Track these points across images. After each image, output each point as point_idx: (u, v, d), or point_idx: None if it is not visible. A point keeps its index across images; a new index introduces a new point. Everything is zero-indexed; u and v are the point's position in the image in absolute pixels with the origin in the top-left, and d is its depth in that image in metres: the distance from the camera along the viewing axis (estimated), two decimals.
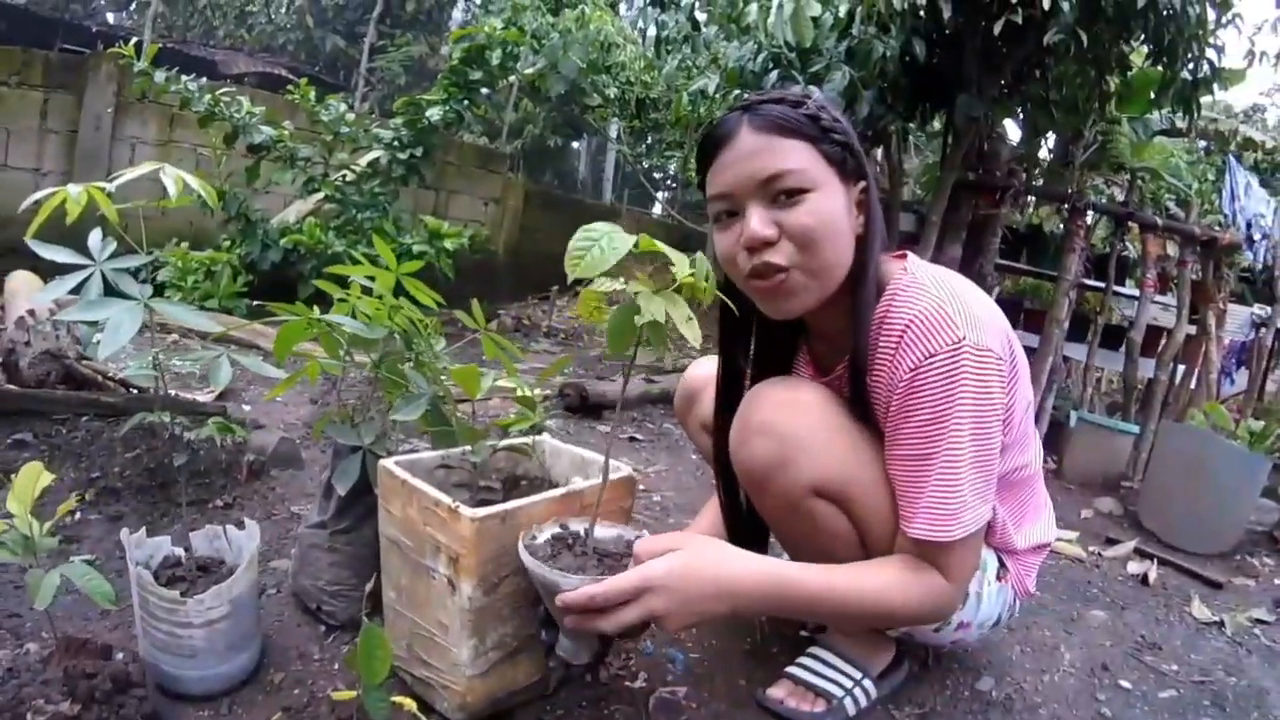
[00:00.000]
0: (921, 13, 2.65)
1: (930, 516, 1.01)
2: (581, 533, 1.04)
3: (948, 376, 0.98)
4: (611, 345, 0.92)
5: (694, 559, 0.94)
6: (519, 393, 1.18)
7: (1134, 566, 2.10)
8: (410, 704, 0.92)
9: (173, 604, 1.05)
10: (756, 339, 1.22)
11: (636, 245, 0.84)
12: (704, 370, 1.42)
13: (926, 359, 0.99)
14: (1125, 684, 1.43)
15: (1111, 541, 2.29)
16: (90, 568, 0.98)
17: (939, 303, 1.01)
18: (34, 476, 0.97)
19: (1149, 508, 2.52)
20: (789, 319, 1.09)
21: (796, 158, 0.99)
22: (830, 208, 1.00)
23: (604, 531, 1.06)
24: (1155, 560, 2.13)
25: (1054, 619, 1.66)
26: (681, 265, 0.87)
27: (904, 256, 1.11)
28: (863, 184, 1.05)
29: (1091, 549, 2.19)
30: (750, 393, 1.14)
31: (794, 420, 1.06)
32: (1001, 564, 1.22)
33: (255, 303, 3.87)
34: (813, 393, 1.10)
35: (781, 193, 0.99)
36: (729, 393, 1.21)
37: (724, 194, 1.03)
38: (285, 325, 0.94)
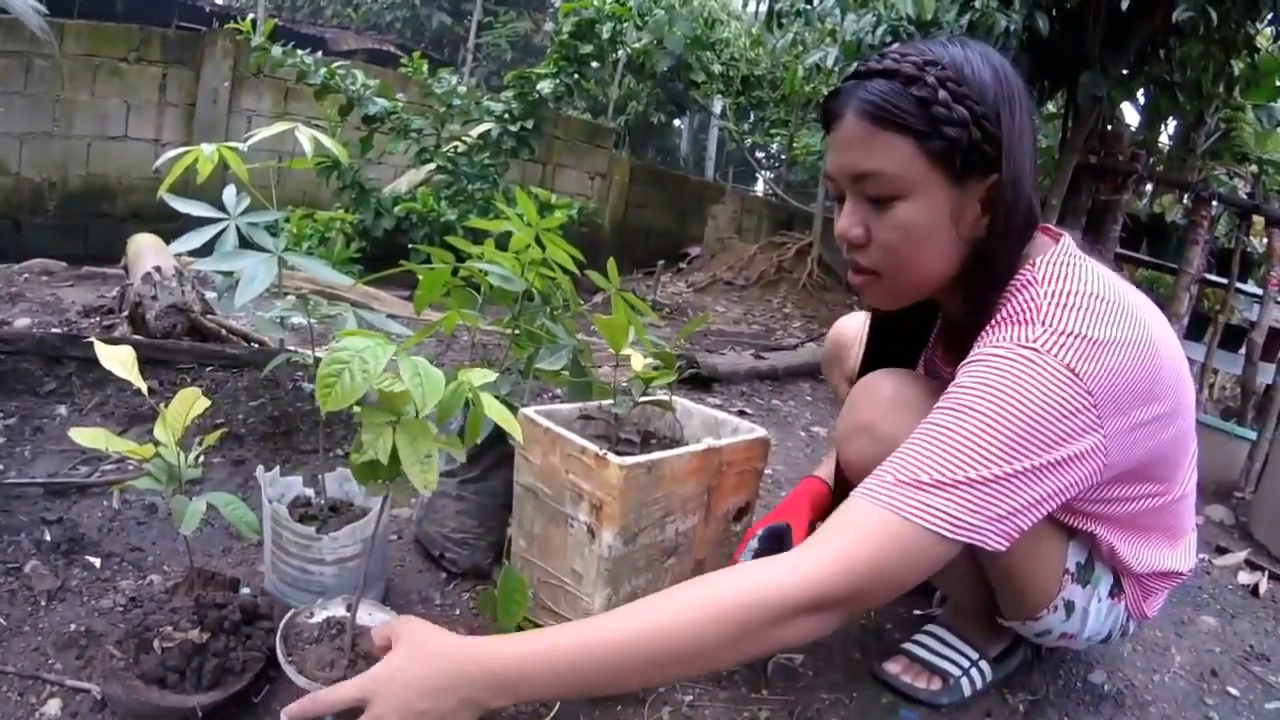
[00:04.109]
0: None
1: (882, 474, 0.84)
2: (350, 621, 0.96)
3: (995, 362, 0.85)
4: (359, 478, 0.84)
5: (401, 661, 0.81)
6: (651, 350, 1.19)
7: (1244, 577, 2.02)
8: None
9: (307, 540, 1.09)
10: (897, 316, 1.15)
11: (397, 352, 0.75)
12: (855, 323, 1.37)
13: (985, 348, 0.88)
14: (1233, 691, 1.39)
15: (1222, 550, 2.19)
16: (234, 498, 1.01)
17: (1036, 310, 0.88)
18: (189, 402, 0.97)
19: (1261, 520, 2.39)
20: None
21: (891, 158, 0.88)
22: (921, 218, 0.90)
23: (386, 619, 1.01)
24: (1266, 573, 2.03)
25: (1165, 621, 1.61)
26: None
27: (1057, 238, 0.99)
28: (992, 178, 0.90)
29: (1202, 556, 2.11)
30: (861, 383, 1.09)
31: (897, 421, 0.97)
32: (1117, 582, 1.14)
33: (361, 269, 3.97)
34: (923, 390, 1.02)
35: (871, 196, 0.92)
36: (872, 365, 1.16)
37: (830, 176, 0.97)
38: (428, 274, 0.96)
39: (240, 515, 1.00)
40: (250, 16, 4.21)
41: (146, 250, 2.75)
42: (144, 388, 0.96)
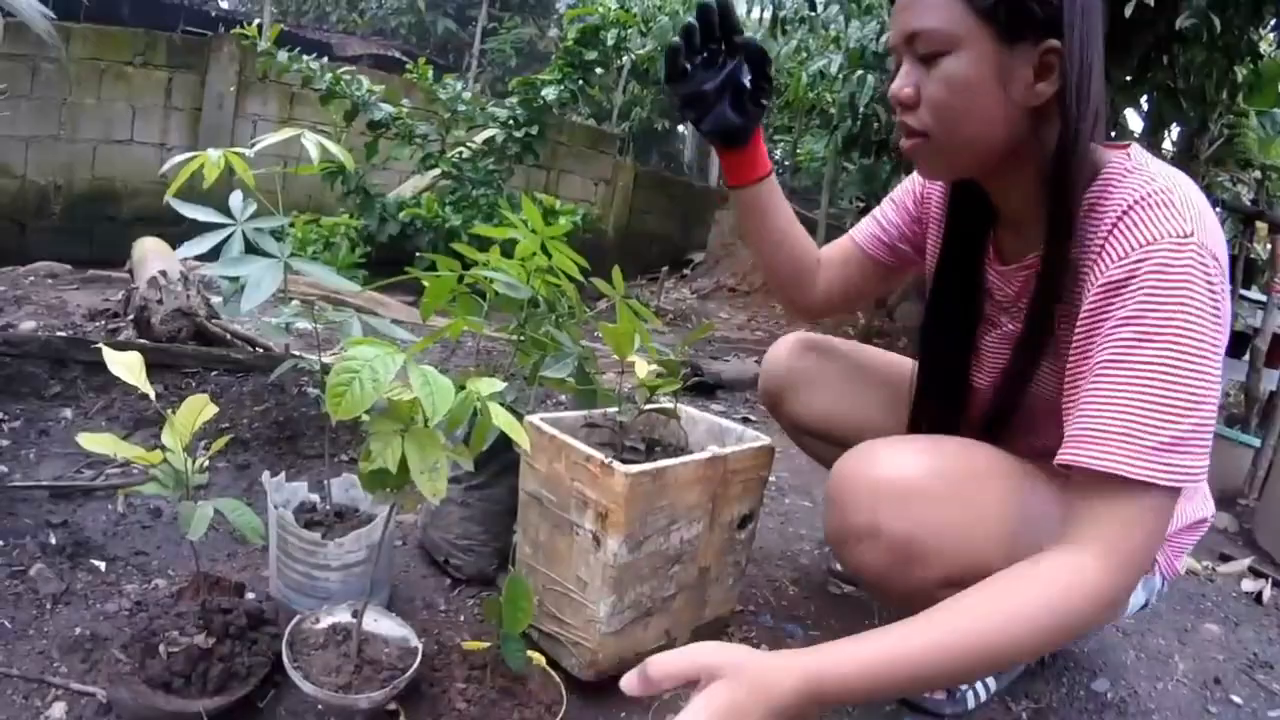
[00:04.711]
0: None
1: (1125, 444, 0.79)
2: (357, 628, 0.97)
3: (1171, 272, 0.81)
4: (367, 486, 0.85)
5: (734, 695, 0.70)
6: (657, 357, 1.19)
7: (1248, 585, 2.01)
8: (540, 659, 0.93)
9: (313, 545, 1.10)
10: (947, 231, 1.13)
11: (406, 361, 0.77)
12: (785, 351, 1.39)
13: (1143, 245, 0.83)
14: (1236, 699, 1.39)
15: (1225, 558, 2.19)
16: (240, 503, 1.01)
17: (1167, 190, 0.85)
18: (197, 409, 0.97)
19: (1265, 528, 2.38)
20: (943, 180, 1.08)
21: (936, 14, 0.89)
22: (966, 73, 0.88)
23: (391, 629, 1.02)
24: (1270, 581, 2.03)
25: (1168, 628, 1.62)
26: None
27: (1127, 146, 0.96)
28: (1047, 43, 0.87)
29: (1205, 563, 2.10)
30: (845, 463, 1.02)
31: (910, 515, 0.93)
32: None
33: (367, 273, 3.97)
34: (930, 457, 0.97)
35: (922, 55, 0.91)
36: (938, 380, 1.15)
37: (891, 48, 0.97)
38: (434, 281, 0.96)
39: (246, 520, 0.99)
40: (256, 21, 4.22)
41: (151, 254, 2.76)
42: (151, 392, 0.96)
